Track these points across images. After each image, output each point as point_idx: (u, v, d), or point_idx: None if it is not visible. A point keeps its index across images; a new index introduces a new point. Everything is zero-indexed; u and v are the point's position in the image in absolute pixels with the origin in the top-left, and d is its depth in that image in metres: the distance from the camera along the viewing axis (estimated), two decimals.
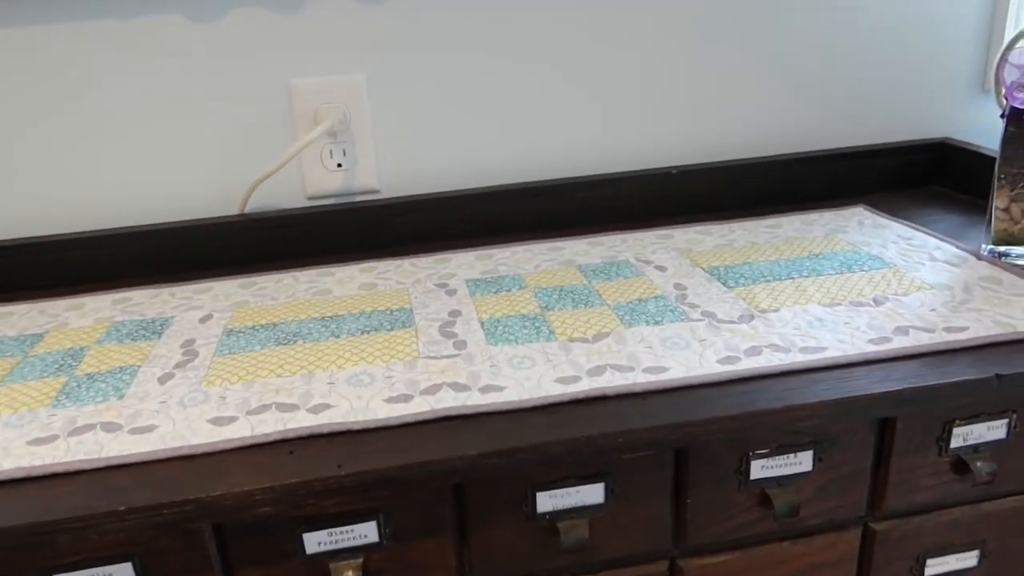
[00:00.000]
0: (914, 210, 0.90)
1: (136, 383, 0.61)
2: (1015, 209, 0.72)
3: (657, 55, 0.91)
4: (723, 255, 0.78)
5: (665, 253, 0.80)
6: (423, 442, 0.52)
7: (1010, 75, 0.68)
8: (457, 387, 0.57)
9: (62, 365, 0.65)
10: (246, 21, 0.82)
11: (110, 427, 0.55)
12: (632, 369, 0.58)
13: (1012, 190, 0.72)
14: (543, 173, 0.92)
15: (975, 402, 0.59)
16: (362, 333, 0.67)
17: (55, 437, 0.54)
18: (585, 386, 0.56)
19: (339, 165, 0.88)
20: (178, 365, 0.64)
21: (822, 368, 0.58)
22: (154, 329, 0.71)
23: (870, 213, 0.88)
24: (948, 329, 0.62)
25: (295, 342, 0.66)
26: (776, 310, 0.66)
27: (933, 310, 0.65)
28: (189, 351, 0.66)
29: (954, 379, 0.56)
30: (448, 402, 0.55)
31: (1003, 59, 0.68)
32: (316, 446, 0.53)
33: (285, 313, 0.72)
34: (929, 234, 0.81)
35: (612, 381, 0.57)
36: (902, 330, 0.62)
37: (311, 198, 0.89)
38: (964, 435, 0.60)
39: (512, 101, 0.90)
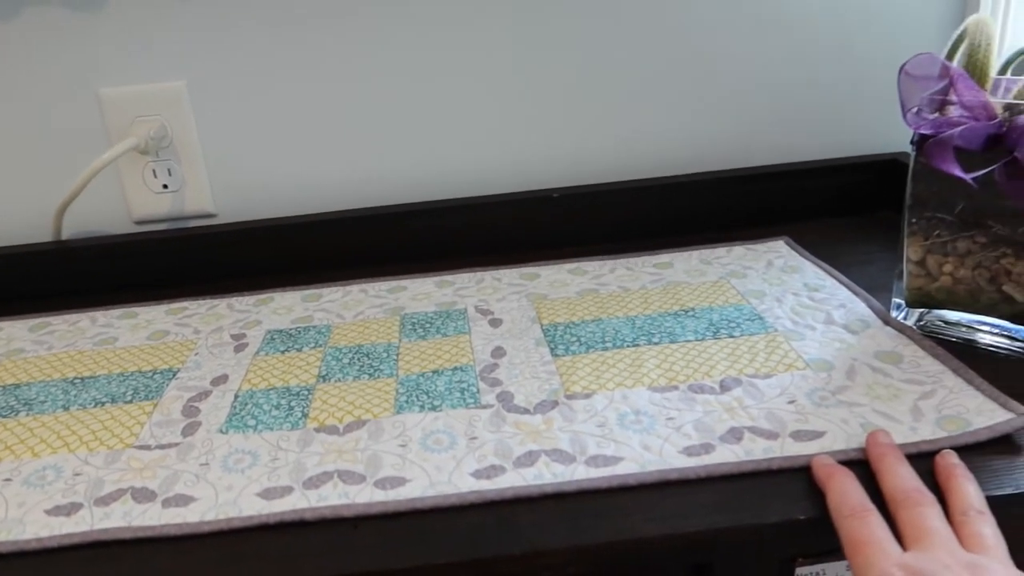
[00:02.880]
0: (849, 244, 0.74)
1: None
2: (932, 262, 0.55)
3: (538, 56, 0.76)
4: (577, 306, 0.64)
5: (515, 300, 0.66)
6: None
7: (908, 89, 0.51)
8: (143, 496, 0.46)
9: None
10: (43, 21, 0.71)
11: None
12: (363, 480, 0.45)
13: (927, 239, 0.55)
14: (405, 196, 0.79)
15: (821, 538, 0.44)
16: (97, 405, 0.56)
17: None
18: (288, 505, 0.44)
19: (165, 187, 0.77)
20: None
21: (601, 491, 0.44)
22: None
23: (789, 249, 0.72)
24: (797, 435, 0.46)
25: (17, 414, 0.55)
26: (588, 395, 0.52)
27: (792, 402, 0.50)
28: None
29: (773, 519, 0.41)
30: (115, 519, 0.44)
31: (903, 69, 0.51)
32: None
33: (41, 370, 0.61)
34: (842, 283, 0.65)
35: (326, 499, 0.44)
36: (735, 433, 0.47)
37: (138, 223, 0.79)
38: (814, 574, 0.45)
39: (368, 111, 0.77)
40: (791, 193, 0.80)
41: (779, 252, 0.72)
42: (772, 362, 0.54)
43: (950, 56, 0.56)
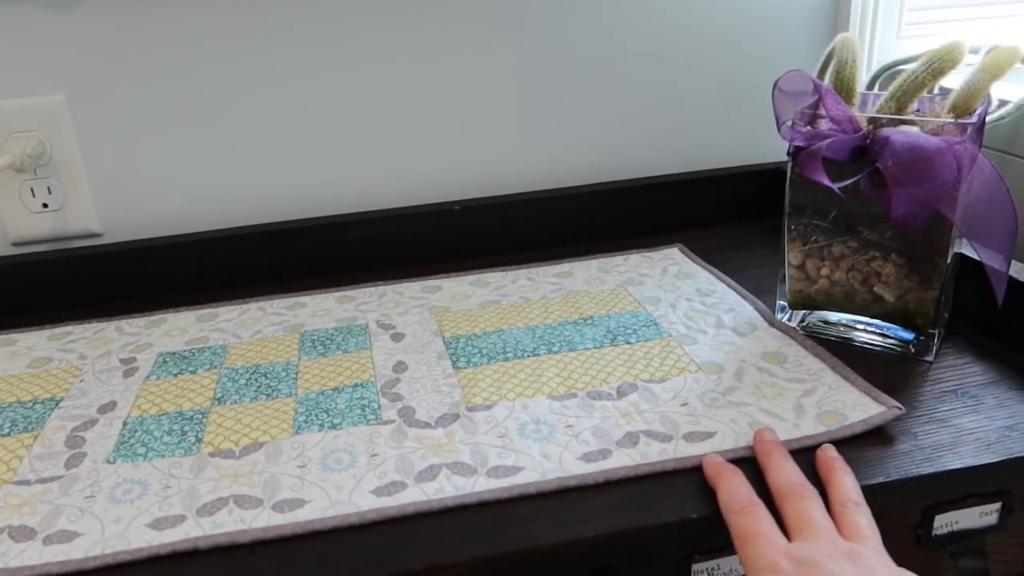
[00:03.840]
0: (738, 249, 0.77)
1: None
2: (810, 266, 0.59)
3: (436, 68, 0.77)
4: (478, 318, 0.65)
5: (417, 314, 0.66)
6: None
7: (782, 104, 0.54)
8: (21, 534, 0.43)
9: None
10: None
11: None
12: (260, 504, 0.44)
13: (805, 244, 0.58)
14: (302, 211, 0.78)
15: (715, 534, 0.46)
16: None
17: None
18: (180, 534, 0.42)
19: (45, 205, 0.73)
20: None
21: (502, 501, 0.44)
22: None
23: (683, 256, 0.75)
24: (690, 437, 0.48)
25: None
26: (489, 406, 0.52)
27: (685, 404, 0.51)
28: None
29: (669, 519, 0.43)
30: None
31: (776, 85, 0.54)
32: None
33: None
34: (732, 287, 0.68)
35: (221, 525, 0.43)
36: (632, 438, 0.48)
37: (17, 244, 0.75)
38: (710, 569, 0.47)
39: (260, 124, 0.75)
40: (685, 201, 0.83)
41: (673, 259, 0.75)
42: (666, 367, 0.56)
43: (822, 72, 0.60)
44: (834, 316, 0.60)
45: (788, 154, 0.57)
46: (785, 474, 0.44)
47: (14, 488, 0.47)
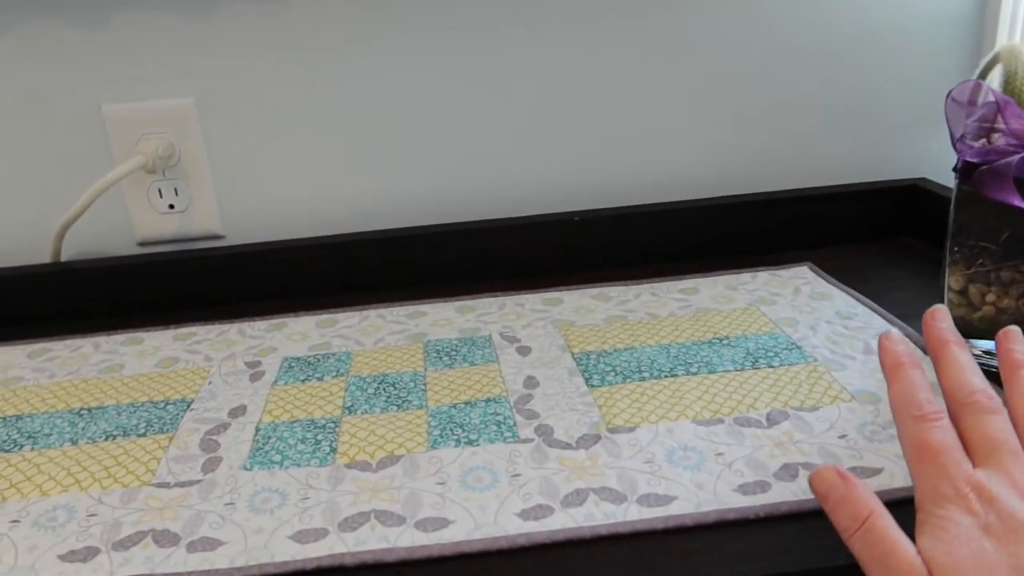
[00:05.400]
0: (872, 271, 0.73)
1: None
2: (974, 292, 0.54)
3: (561, 75, 0.75)
4: (606, 334, 0.62)
5: (541, 327, 0.64)
6: None
7: (955, 116, 0.50)
8: (166, 539, 0.43)
9: None
10: (44, 36, 0.68)
11: None
12: (403, 521, 0.43)
13: (969, 268, 0.54)
14: (420, 218, 0.77)
15: None
16: (107, 438, 0.53)
17: None
18: (324, 549, 0.41)
19: (171, 207, 0.74)
20: None
21: (657, 532, 0.41)
22: None
23: (814, 276, 0.71)
24: (854, 472, 0.45)
25: (21, 448, 0.52)
26: (632, 428, 0.50)
27: (843, 436, 0.48)
28: None
29: (842, 561, 0.40)
30: (137, 566, 0.41)
31: (949, 95, 0.50)
32: None
33: (44, 399, 0.58)
34: (875, 311, 0.63)
35: (364, 542, 0.41)
36: (790, 470, 0.45)
37: (143, 244, 0.76)
38: None
39: (383, 130, 0.75)
40: (810, 218, 0.79)
41: (804, 278, 0.71)
42: (816, 394, 0.52)
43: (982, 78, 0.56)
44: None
45: (954, 170, 0.53)
46: (966, 374, 0.37)
47: (154, 490, 0.47)
